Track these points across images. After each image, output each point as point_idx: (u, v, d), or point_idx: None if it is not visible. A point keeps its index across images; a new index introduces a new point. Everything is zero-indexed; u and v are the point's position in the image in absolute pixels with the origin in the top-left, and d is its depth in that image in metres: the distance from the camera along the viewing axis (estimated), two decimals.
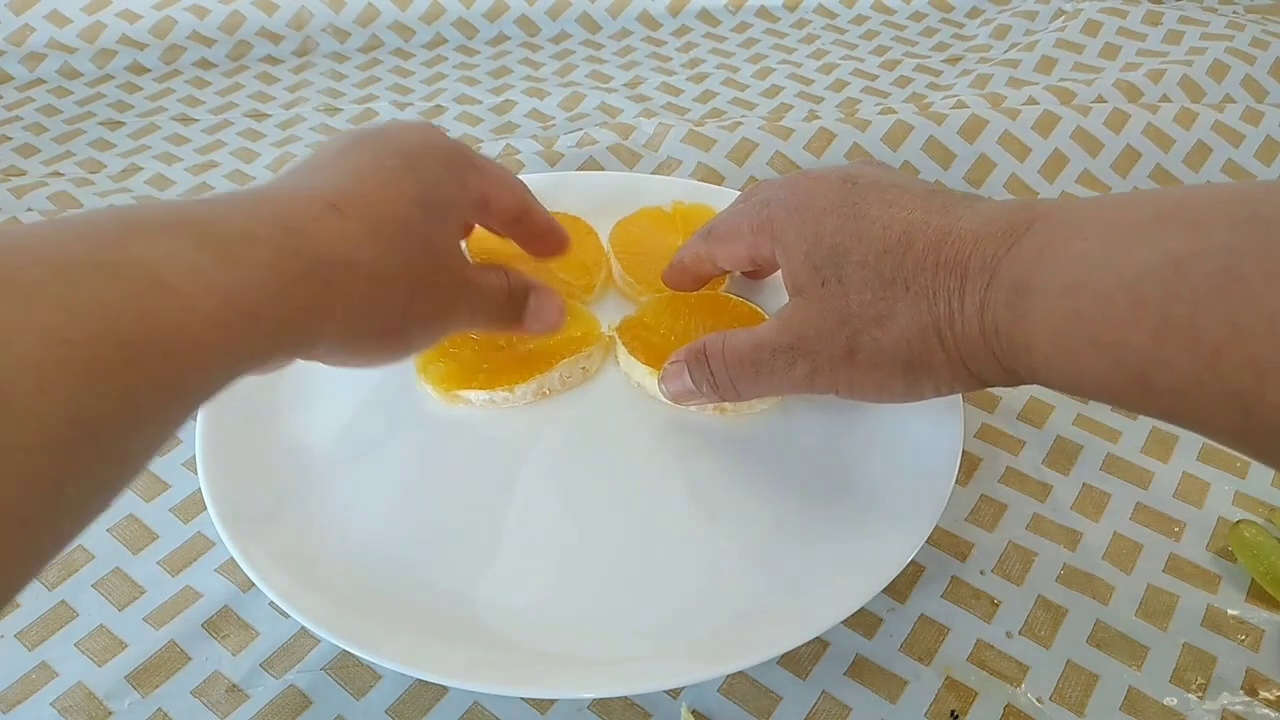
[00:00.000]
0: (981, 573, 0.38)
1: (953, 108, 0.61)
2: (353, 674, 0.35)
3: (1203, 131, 0.58)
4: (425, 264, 0.30)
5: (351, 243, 0.27)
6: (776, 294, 0.43)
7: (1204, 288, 0.22)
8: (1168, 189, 0.51)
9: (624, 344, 0.41)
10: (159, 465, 0.41)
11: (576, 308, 0.43)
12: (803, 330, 0.33)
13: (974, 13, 0.79)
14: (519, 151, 0.57)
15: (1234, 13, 0.73)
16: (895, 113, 0.59)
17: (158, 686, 0.34)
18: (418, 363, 0.40)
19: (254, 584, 0.32)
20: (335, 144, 0.32)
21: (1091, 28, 0.71)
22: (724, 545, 0.36)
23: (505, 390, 0.39)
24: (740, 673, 0.35)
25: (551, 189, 0.49)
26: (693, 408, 0.40)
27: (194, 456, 0.36)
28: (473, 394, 0.40)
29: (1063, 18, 0.73)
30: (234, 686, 0.34)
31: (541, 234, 0.39)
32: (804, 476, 0.38)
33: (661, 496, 0.37)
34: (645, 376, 0.40)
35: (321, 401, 0.40)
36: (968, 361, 0.30)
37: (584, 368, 0.41)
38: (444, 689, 0.34)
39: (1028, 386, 0.45)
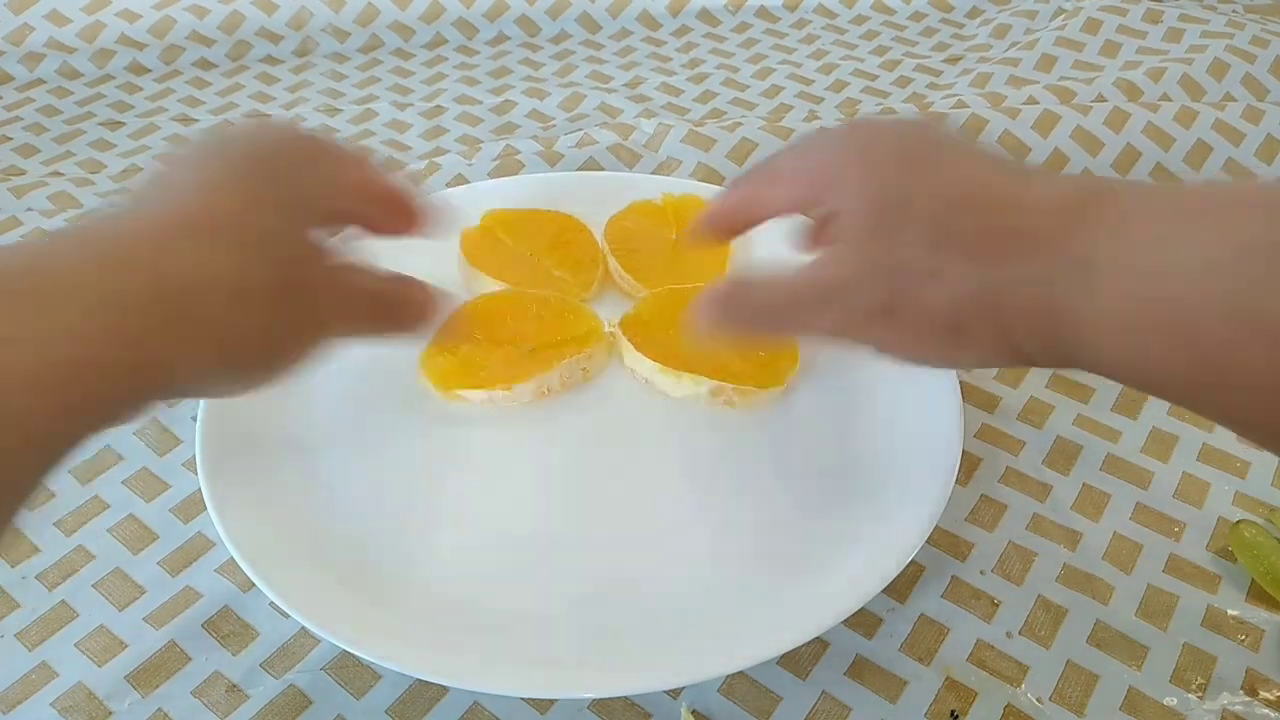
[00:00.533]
0: (981, 573, 0.38)
1: (952, 107, 0.61)
2: (353, 674, 0.35)
3: (1203, 130, 0.58)
4: (288, 267, 0.29)
5: (205, 264, 0.26)
6: None
7: (1277, 275, 0.22)
8: (1241, 181, 0.49)
9: (629, 340, 0.41)
10: (159, 465, 0.41)
11: (578, 306, 0.43)
12: (839, 276, 0.30)
13: (974, 12, 0.79)
14: (519, 152, 0.57)
15: (1234, 11, 0.73)
16: (895, 113, 0.58)
17: (158, 686, 0.34)
18: (419, 359, 0.40)
19: (254, 584, 0.32)
20: (183, 157, 0.30)
21: (1091, 26, 0.71)
22: (724, 545, 0.36)
23: (503, 389, 0.39)
24: (740, 673, 0.35)
25: (548, 189, 0.49)
26: (701, 404, 0.40)
27: (194, 457, 0.36)
28: (471, 393, 0.40)
29: (1063, 16, 0.73)
30: (234, 686, 0.34)
31: (394, 205, 0.35)
32: (804, 476, 0.38)
33: (661, 496, 0.37)
34: (653, 372, 0.40)
35: (321, 401, 0.40)
36: (1015, 335, 0.28)
37: (585, 368, 0.41)
38: (444, 689, 0.34)
39: (1028, 386, 0.45)
